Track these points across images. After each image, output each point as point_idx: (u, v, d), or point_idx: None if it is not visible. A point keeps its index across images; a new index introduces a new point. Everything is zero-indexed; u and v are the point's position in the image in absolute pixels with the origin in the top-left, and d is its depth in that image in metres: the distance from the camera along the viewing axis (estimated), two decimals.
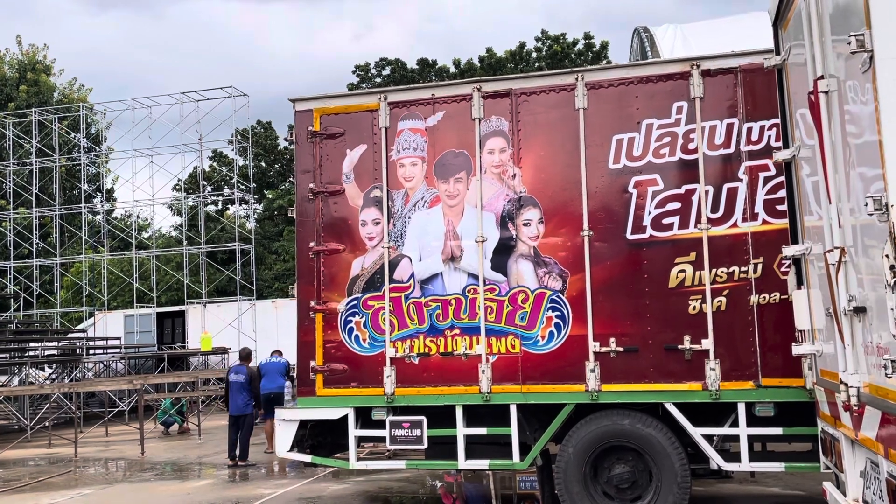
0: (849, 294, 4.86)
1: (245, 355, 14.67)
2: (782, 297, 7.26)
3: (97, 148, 36.77)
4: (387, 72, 39.59)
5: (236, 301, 28.07)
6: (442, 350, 8.21)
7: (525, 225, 8.11)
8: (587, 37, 38.29)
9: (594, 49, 38.20)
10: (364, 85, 39.20)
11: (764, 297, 7.47)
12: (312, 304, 8.57)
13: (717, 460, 7.56)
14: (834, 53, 4.96)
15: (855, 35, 4.01)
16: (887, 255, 3.80)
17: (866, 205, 3.91)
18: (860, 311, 4.68)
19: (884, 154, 3.89)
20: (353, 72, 40.03)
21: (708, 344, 7.52)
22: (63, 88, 40.24)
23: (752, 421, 7.48)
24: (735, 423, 7.52)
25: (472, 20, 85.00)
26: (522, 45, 38.57)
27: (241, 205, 37.86)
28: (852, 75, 4.52)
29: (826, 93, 5.06)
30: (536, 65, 37.64)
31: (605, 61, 37.77)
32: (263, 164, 40.95)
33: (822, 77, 5.11)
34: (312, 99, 8.88)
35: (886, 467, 4.49)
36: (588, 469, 7.80)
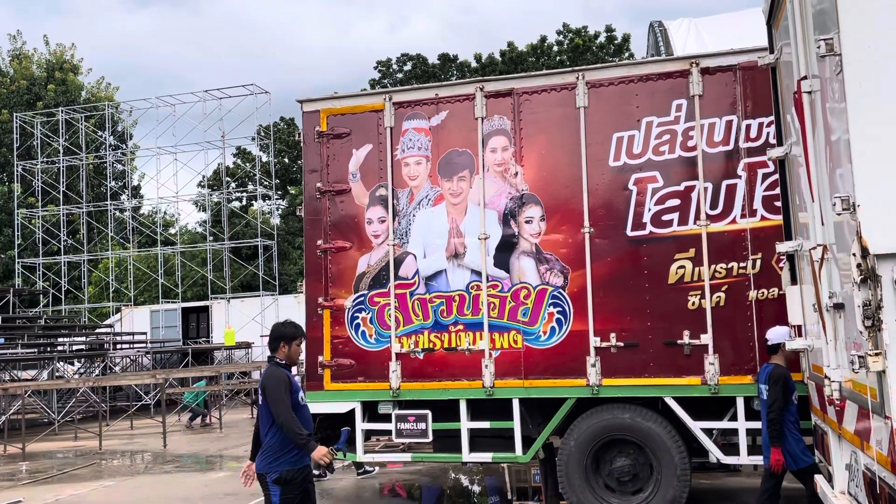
0: (830, 290, 4.95)
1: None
2: (780, 292, 7.31)
3: (123, 146, 37.35)
4: (408, 67, 39.71)
5: (259, 296, 28.43)
6: (446, 345, 8.37)
7: (527, 222, 8.23)
8: (609, 30, 38.12)
9: (616, 42, 38.02)
10: (385, 80, 39.37)
11: (762, 293, 7.54)
12: (320, 300, 8.76)
13: (716, 453, 7.65)
14: (816, 54, 5.03)
15: (824, 39, 4.09)
16: (854, 254, 3.89)
17: (834, 204, 4.00)
18: (839, 307, 4.76)
19: (852, 154, 3.97)
20: (375, 67, 40.22)
21: (707, 339, 7.61)
22: (90, 87, 40.84)
23: (752, 415, 7.56)
24: (734, 417, 7.60)
25: (505, 11, 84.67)
26: (543, 39, 38.45)
27: (264, 201, 38.31)
28: (831, 76, 4.59)
29: (809, 93, 5.13)
30: (558, 58, 37.54)
31: (627, 55, 37.60)
32: (287, 160, 41.29)
33: (805, 77, 5.19)
34: (319, 100, 9.06)
35: (863, 460, 4.58)
36: (590, 462, 7.92)
